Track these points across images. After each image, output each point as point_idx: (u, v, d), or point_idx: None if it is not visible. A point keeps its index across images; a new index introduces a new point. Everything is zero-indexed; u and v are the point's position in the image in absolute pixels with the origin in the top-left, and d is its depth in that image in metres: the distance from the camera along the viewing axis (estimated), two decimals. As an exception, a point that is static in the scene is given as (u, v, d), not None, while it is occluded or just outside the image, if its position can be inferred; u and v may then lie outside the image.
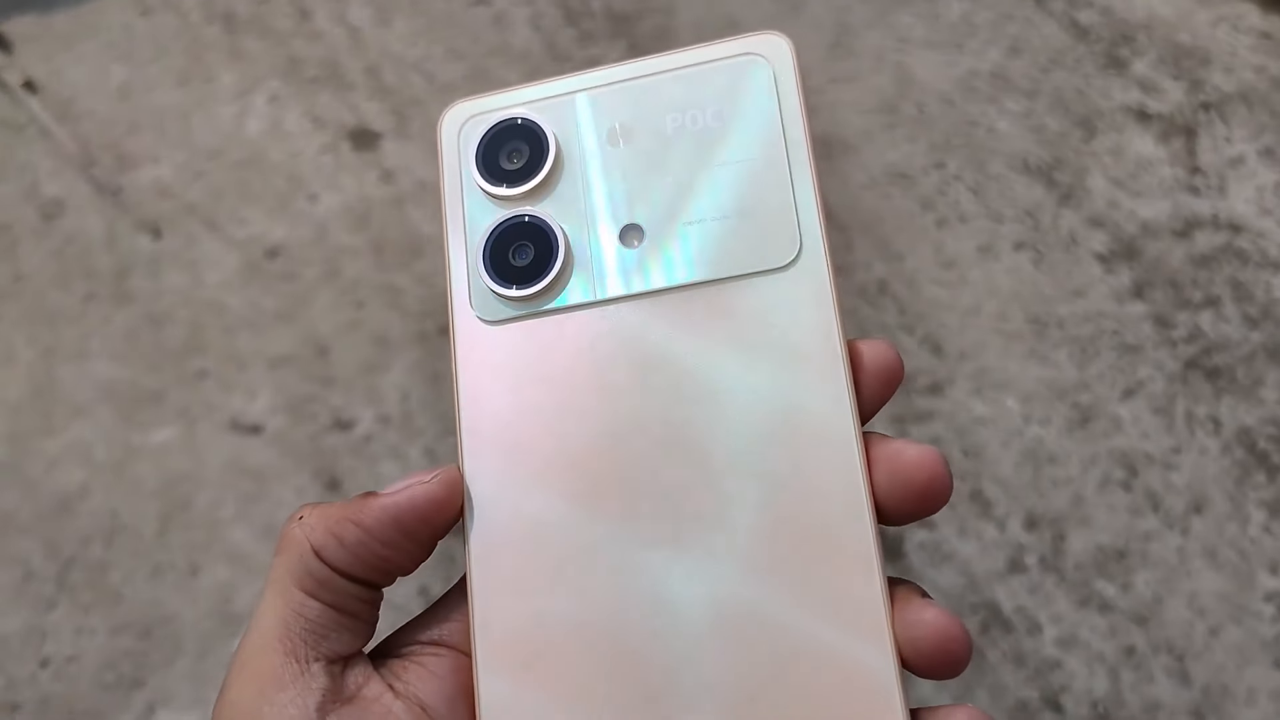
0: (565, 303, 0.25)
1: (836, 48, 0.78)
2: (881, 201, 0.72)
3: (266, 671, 0.22)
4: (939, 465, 0.23)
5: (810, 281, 0.24)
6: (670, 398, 0.24)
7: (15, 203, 0.72)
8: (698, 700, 0.22)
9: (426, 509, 0.23)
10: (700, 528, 0.23)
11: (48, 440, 0.64)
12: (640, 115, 0.26)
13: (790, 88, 0.26)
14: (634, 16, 0.79)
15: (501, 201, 0.26)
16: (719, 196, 0.25)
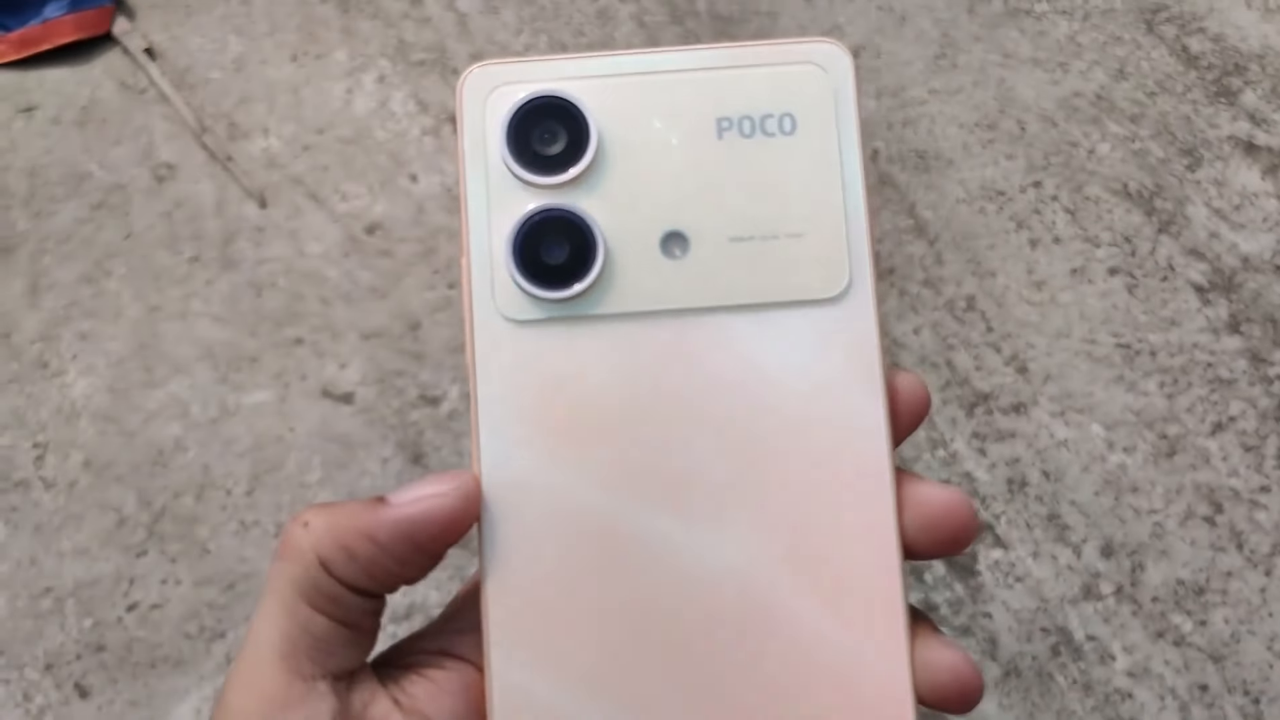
0: (599, 310, 0.23)
1: (940, 60, 0.77)
2: (976, 217, 0.72)
3: (271, 690, 0.22)
4: (967, 513, 0.23)
5: (857, 316, 0.23)
6: (704, 417, 0.23)
7: (130, 164, 0.75)
8: (715, 708, 0.22)
9: (443, 523, 0.22)
10: (728, 543, 0.23)
11: (148, 394, 0.67)
12: (689, 113, 0.24)
13: (848, 107, 0.24)
14: (738, 19, 0.80)
15: (534, 190, 0.23)
16: (768, 214, 0.23)
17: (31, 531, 0.62)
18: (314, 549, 0.22)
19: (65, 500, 0.63)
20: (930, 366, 0.67)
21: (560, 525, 0.23)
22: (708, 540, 0.23)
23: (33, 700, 0.58)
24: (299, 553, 0.22)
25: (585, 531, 0.22)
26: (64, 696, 0.58)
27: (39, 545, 0.62)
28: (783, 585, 0.22)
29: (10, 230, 0.72)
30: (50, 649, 0.59)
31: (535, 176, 0.23)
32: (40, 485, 0.64)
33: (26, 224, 0.72)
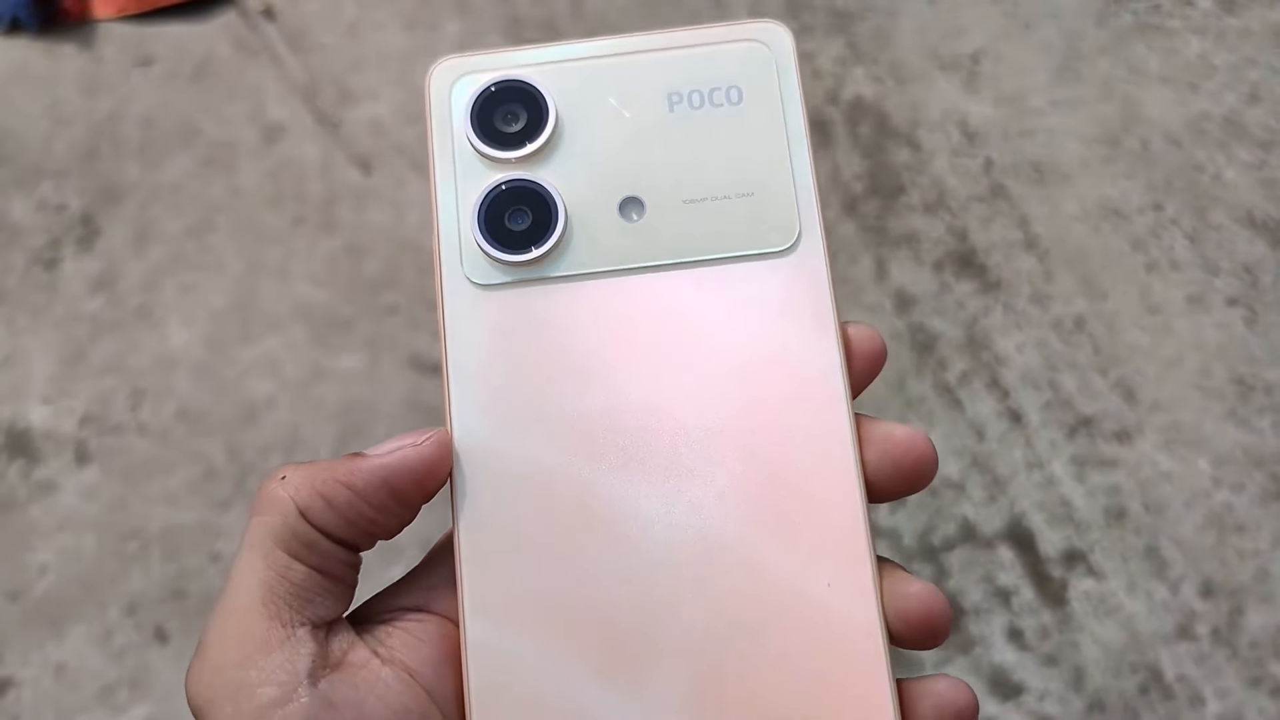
0: (561, 272, 0.24)
1: (1064, 71, 0.75)
2: (1090, 236, 0.69)
3: (250, 636, 0.22)
4: (927, 447, 0.24)
5: (808, 267, 0.24)
6: (665, 369, 0.24)
7: (241, 122, 0.76)
8: (685, 654, 0.23)
9: (418, 471, 0.23)
10: (692, 489, 0.23)
11: (243, 349, 0.67)
12: (641, 89, 0.25)
13: (790, 77, 0.25)
14: (855, 15, 0.78)
15: (496, 164, 0.25)
16: (719, 177, 0.25)
17: (123, 475, 0.63)
18: (292, 499, 0.22)
19: (158, 447, 0.64)
20: (1032, 386, 0.65)
21: (529, 479, 0.23)
22: (674, 489, 0.23)
23: (113, 640, 0.59)
24: (277, 502, 0.22)
25: (554, 485, 0.23)
26: (144, 639, 0.59)
27: (129, 489, 0.63)
28: (749, 530, 0.23)
29: (121, 179, 0.73)
30: (133, 591, 0.60)
31: (498, 152, 0.25)
32: (135, 430, 0.65)
33: (137, 174, 0.73)
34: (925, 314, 0.67)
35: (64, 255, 0.70)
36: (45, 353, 0.66)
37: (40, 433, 0.64)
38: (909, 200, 0.71)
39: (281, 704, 0.21)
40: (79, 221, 0.71)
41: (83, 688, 0.58)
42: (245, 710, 0.21)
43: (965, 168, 0.72)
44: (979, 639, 0.59)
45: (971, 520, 0.62)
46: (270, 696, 0.21)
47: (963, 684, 0.24)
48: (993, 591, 0.60)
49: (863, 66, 0.76)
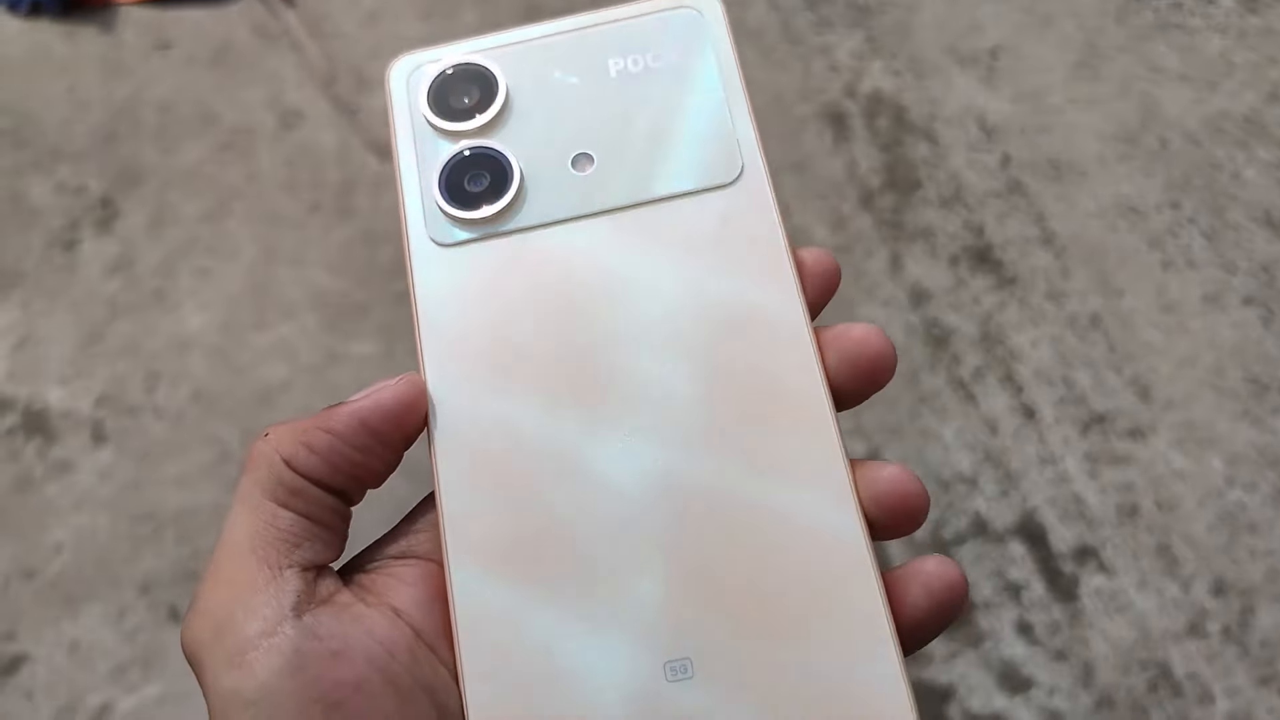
0: (519, 224, 0.26)
1: (1082, 68, 0.75)
2: (1107, 233, 0.69)
3: (239, 578, 0.22)
4: (883, 340, 0.24)
5: (754, 195, 0.25)
6: (624, 302, 0.25)
7: (259, 107, 0.76)
8: (665, 569, 0.23)
9: (394, 408, 0.24)
10: (661, 413, 0.24)
11: (258, 334, 0.68)
12: (584, 60, 0.27)
13: (723, 35, 0.27)
14: (875, 9, 0.78)
15: (454, 137, 0.26)
16: (664, 126, 0.26)
17: (138, 456, 0.64)
18: (275, 450, 0.23)
19: (172, 430, 0.64)
20: (1046, 382, 0.65)
21: (503, 421, 0.24)
22: (643, 415, 0.24)
23: (126, 619, 0.60)
24: (262, 457, 0.23)
25: (526, 423, 0.24)
26: (156, 619, 0.60)
27: (144, 471, 0.63)
28: (719, 442, 0.24)
29: (139, 162, 0.73)
30: (147, 571, 0.61)
31: (455, 125, 0.26)
32: (150, 413, 0.65)
33: (155, 157, 0.74)
34: (940, 309, 0.67)
35: (82, 237, 0.70)
36: (63, 334, 0.67)
37: (57, 413, 0.65)
38: (925, 195, 0.71)
39: (266, 636, 0.22)
40: (97, 204, 0.71)
41: (96, 666, 0.58)
42: (231, 645, 0.22)
43: (982, 163, 0.72)
44: (989, 633, 0.59)
45: (983, 515, 0.62)
46: (255, 630, 0.22)
47: (950, 560, 0.23)
48: (1003, 586, 0.60)
49: (881, 60, 0.76)
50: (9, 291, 0.68)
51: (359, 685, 0.22)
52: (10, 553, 0.61)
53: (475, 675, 0.23)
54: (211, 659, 0.22)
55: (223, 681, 0.21)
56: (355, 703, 0.21)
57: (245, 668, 0.21)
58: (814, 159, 0.73)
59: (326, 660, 0.22)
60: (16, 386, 0.65)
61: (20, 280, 0.68)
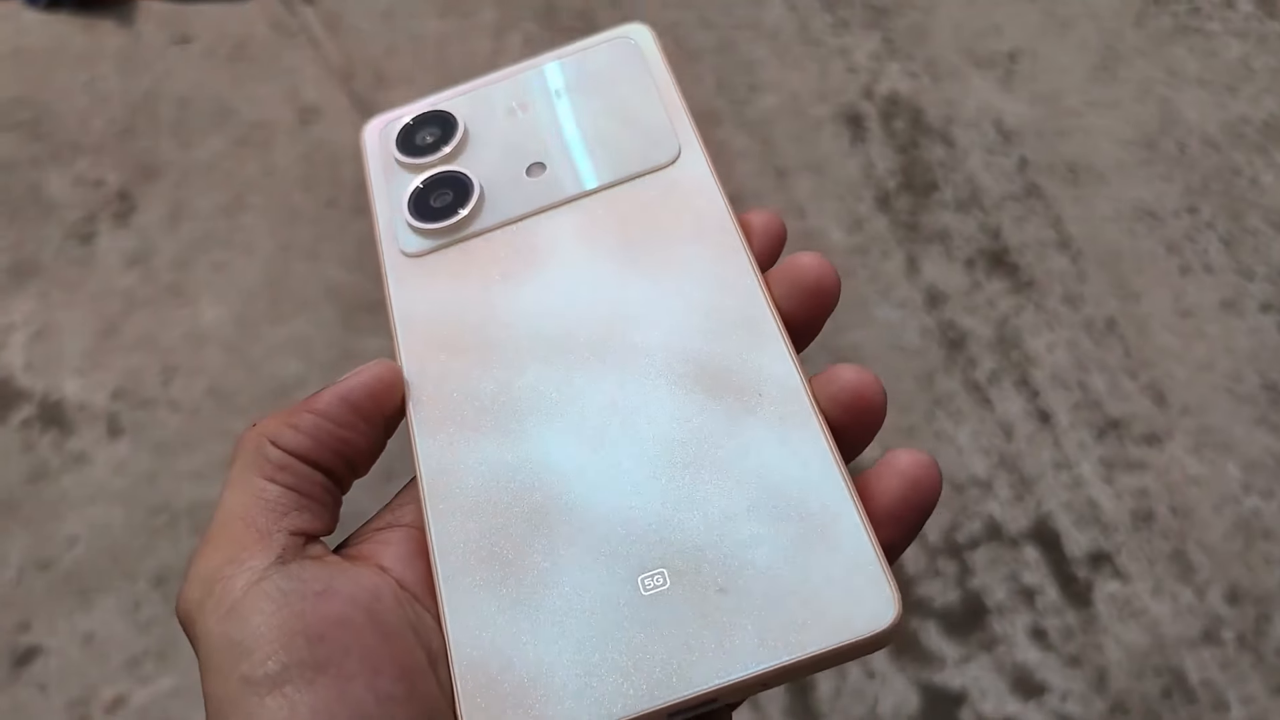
0: (481, 227, 0.28)
1: (1100, 71, 0.75)
2: (1124, 238, 0.69)
3: (229, 543, 0.23)
4: (826, 264, 0.26)
5: (694, 171, 0.28)
6: (587, 285, 0.27)
7: (277, 103, 0.76)
8: (634, 484, 0.24)
9: (373, 385, 0.25)
10: (623, 363, 0.26)
11: (273, 329, 0.68)
12: (533, 91, 0.30)
13: (655, 56, 0.30)
14: (892, 10, 0.78)
15: (420, 169, 0.29)
16: (605, 128, 0.29)
17: (153, 450, 0.64)
18: (261, 433, 0.24)
19: (188, 424, 0.65)
20: (1062, 386, 0.65)
21: (474, 393, 0.26)
22: (606, 368, 0.26)
23: (140, 611, 0.60)
24: (249, 442, 0.24)
25: (496, 392, 0.26)
26: (170, 611, 0.60)
27: (159, 463, 0.64)
28: (679, 377, 0.25)
29: (156, 156, 0.73)
30: (161, 564, 0.61)
31: (420, 159, 0.29)
32: (165, 406, 0.65)
33: (172, 152, 0.74)
34: (956, 311, 0.67)
35: (99, 230, 0.70)
36: (80, 326, 0.67)
37: (73, 405, 0.65)
38: (942, 197, 0.71)
39: (255, 584, 0.22)
40: (115, 197, 0.71)
41: (110, 657, 0.59)
42: (221, 599, 0.22)
43: (999, 166, 0.72)
44: (1002, 637, 0.59)
45: (997, 519, 0.62)
46: (244, 580, 0.22)
47: (925, 454, 0.24)
48: (1017, 590, 0.60)
49: (898, 62, 0.76)
50: (27, 283, 0.68)
51: (342, 620, 0.22)
52: (25, 544, 0.61)
53: (455, 608, 0.24)
54: (202, 615, 0.22)
55: (213, 632, 0.22)
56: (337, 635, 0.22)
57: (234, 614, 0.22)
58: (830, 160, 0.73)
59: (310, 599, 0.22)
60: (34, 378, 0.66)
61: (38, 272, 0.69)
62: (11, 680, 0.58)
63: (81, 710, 0.58)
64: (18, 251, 0.69)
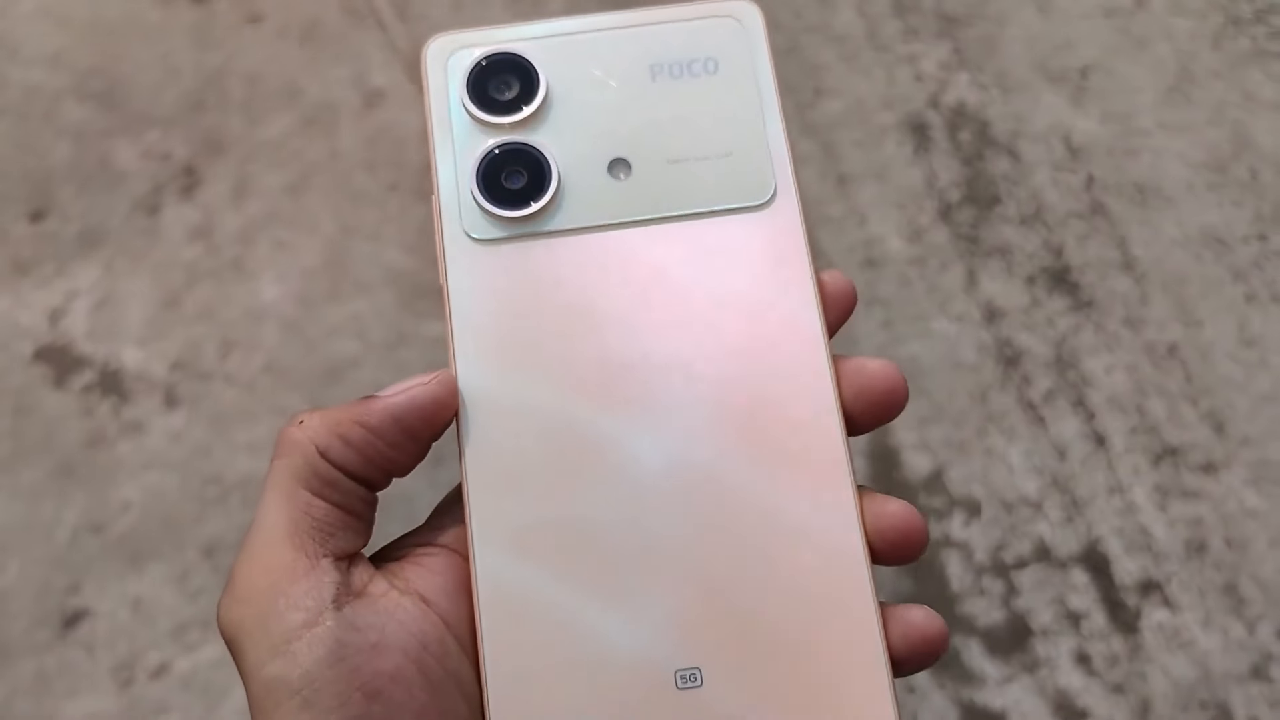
0: (554, 227, 0.26)
1: (1173, 93, 0.73)
2: (1190, 262, 0.68)
3: (277, 566, 0.23)
4: (898, 376, 0.26)
5: (784, 219, 0.26)
6: (653, 316, 0.25)
7: (343, 85, 0.77)
8: (679, 574, 0.24)
9: (427, 408, 0.24)
10: (682, 423, 0.25)
11: (332, 309, 0.69)
12: (624, 60, 0.27)
13: (762, 49, 0.27)
14: (963, 20, 0.77)
15: (492, 129, 0.26)
16: (699, 139, 0.26)
17: (208, 422, 0.65)
18: (311, 440, 0.24)
19: (244, 398, 0.65)
20: (1119, 409, 0.64)
21: (529, 417, 0.25)
22: (664, 425, 0.25)
23: (189, 580, 0.61)
24: (297, 445, 0.24)
25: (552, 421, 0.25)
26: (219, 582, 0.61)
27: (214, 436, 0.64)
28: (736, 459, 0.24)
29: (224, 132, 0.74)
30: (212, 535, 0.62)
31: (494, 117, 0.26)
32: (222, 380, 0.66)
33: (240, 128, 0.75)
34: (1013, 328, 0.66)
35: (166, 203, 0.71)
36: (142, 296, 0.68)
37: (132, 374, 0.66)
38: (1005, 211, 0.70)
39: (309, 627, 0.22)
40: (182, 171, 0.72)
41: (157, 623, 0.60)
42: (275, 634, 0.23)
43: (1065, 183, 0.71)
44: (1045, 660, 0.58)
45: (1047, 540, 0.61)
46: (298, 620, 0.23)
47: (936, 615, 0.25)
48: (1063, 614, 0.59)
49: (968, 73, 0.75)
50: (93, 251, 0.69)
51: (395, 676, 0.23)
52: (80, 507, 0.62)
53: (495, 670, 0.24)
54: (254, 646, 0.23)
55: (267, 669, 0.22)
56: (392, 692, 0.23)
57: (289, 656, 0.22)
58: (893, 168, 0.72)
59: (366, 652, 0.23)
60: (95, 345, 0.67)
61: (104, 241, 0.70)
62: (60, 640, 0.59)
63: (126, 674, 0.59)
64: (86, 220, 0.70)
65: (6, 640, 0.59)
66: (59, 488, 0.63)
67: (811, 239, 0.26)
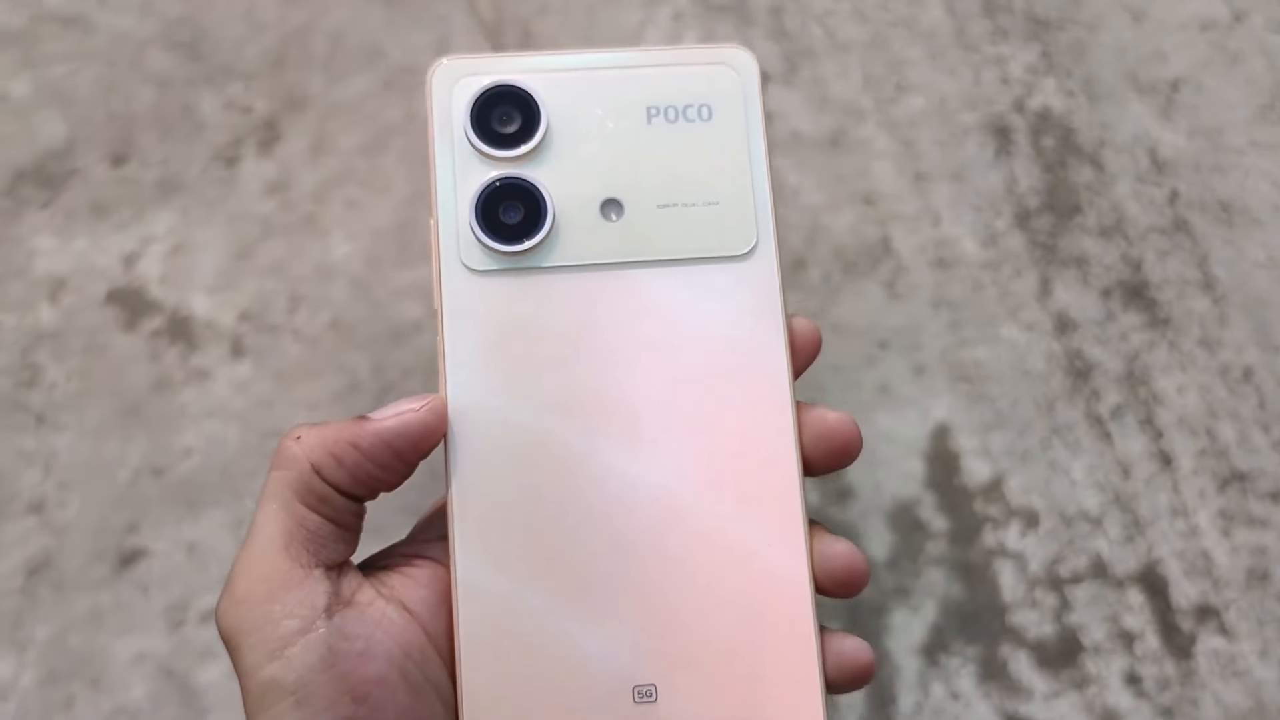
0: (547, 263, 0.27)
1: (1268, 111, 0.72)
2: (1273, 286, 0.66)
3: (274, 574, 0.25)
4: (853, 429, 0.28)
5: (762, 269, 0.27)
6: (634, 354, 0.27)
7: (423, 50, 0.77)
8: (643, 596, 0.26)
9: (416, 433, 0.26)
10: (654, 456, 0.26)
11: (399, 272, 0.69)
12: (623, 101, 0.28)
13: (754, 100, 0.28)
14: (1054, 24, 0.76)
15: (491, 161, 0.27)
16: (689, 186, 0.28)
17: (273, 374, 0.65)
18: (307, 457, 0.26)
19: (308, 353, 0.66)
20: (1189, 431, 0.63)
21: (513, 442, 0.26)
22: (638, 457, 0.26)
23: (244, 529, 0.62)
24: (294, 460, 0.26)
25: (534, 447, 0.26)
26: (273, 535, 0.61)
27: (277, 389, 0.65)
28: (701, 493, 0.26)
29: (305, 89, 0.75)
30: (269, 487, 0.62)
31: (495, 150, 0.27)
32: (289, 333, 0.67)
33: (320, 86, 0.75)
34: (1085, 340, 0.65)
35: (244, 155, 0.72)
36: (215, 246, 0.69)
37: (201, 321, 0.67)
38: (1084, 221, 0.69)
39: (303, 633, 0.25)
40: (262, 125, 0.73)
41: (210, 569, 0.60)
42: (271, 638, 0.25)
43: (1149, 196, 0.69)
44: (1095, 678, 0.57)
45: (1105, 557, 0.60)
46: (293, 627, 0.25)
47: (867, 646, 0.27)
48: (1117, 633, 0.58)
49: (1055, 78, 0.74)
50: (171, 198, 0.70)
51: (381, 681, 0.25)
52: (142, 449, 0.63)
53: (470, 678, 0.26)
54: (251, 649, 0.25)
55: (263, 671, 0.25)
56: (377, 695, 0.25)
57: (284, 660, 0.24)
58: (972, 170, 0.71)
59: (354, 658, 0.25)
60: (166, 291, 0.68)
61: (182, 189, 0.70)
62: (115, 578, 0.60)
63: (178, 615, 0.60)
64: (165, 167, 0.71)
65: (65, 574, 0.60)
66: (124, 429, 0.64)
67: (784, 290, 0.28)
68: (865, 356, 0.64)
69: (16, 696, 0.57)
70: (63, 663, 0.58)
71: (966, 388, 0.63)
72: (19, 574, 0.60)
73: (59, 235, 0.69)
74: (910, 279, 0.67)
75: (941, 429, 0.61)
